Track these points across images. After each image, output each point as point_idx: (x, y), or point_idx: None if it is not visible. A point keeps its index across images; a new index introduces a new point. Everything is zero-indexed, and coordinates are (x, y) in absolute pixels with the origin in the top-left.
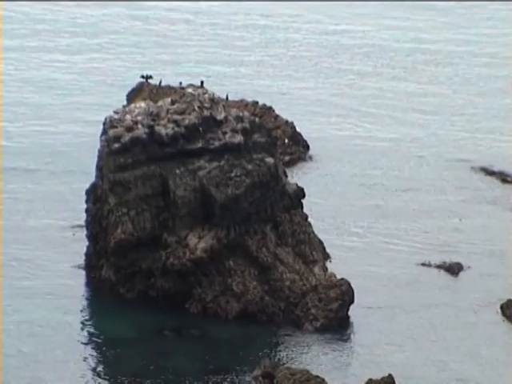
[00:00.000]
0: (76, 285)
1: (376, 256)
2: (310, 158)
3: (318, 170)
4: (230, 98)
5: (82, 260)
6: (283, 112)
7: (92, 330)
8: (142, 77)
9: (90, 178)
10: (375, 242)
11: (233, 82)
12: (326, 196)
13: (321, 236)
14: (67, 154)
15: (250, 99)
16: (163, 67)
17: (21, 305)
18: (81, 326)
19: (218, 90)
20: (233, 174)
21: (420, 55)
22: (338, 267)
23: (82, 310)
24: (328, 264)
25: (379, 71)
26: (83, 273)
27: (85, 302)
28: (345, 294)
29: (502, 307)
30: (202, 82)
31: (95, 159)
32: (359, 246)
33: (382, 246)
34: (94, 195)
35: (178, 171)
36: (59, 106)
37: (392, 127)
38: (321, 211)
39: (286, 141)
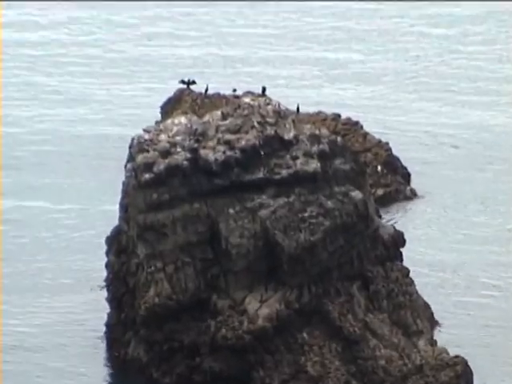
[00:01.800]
0: (93, 367)
1: (504, 323)
2: (412, 191)
3: (424, 207)
4: (302, 110)
5: (101, 332)
6: (374, 127)
7: None
8: (182, 82)
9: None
10: (503, 304)
11: (303, 88)
12: (433, 243)
13: (427, 297)
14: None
15: (329, 111)
16: (211, 67)
17: None
18: None
19: (284, 98)
20: (306, 215)
21: None
22: (451, 340)
23: None
24: (437, 335)
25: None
26: (103, 350)
27: None
28: (460, 377)
29: None
30: (263, 89)
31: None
32: (479, 311)
33: None
34: (117, 244)
35: (231, 211)
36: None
37: None
38: (427, 264)
39: (380, 168)
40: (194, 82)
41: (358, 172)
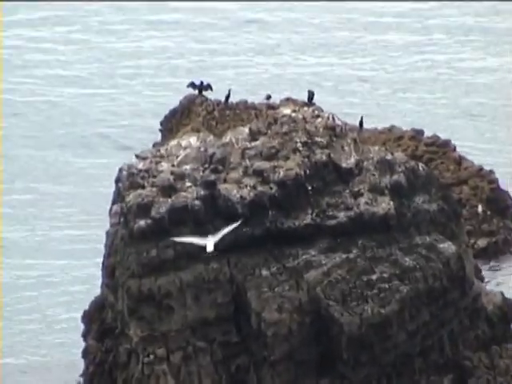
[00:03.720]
0: None
1: None
2: None
3: None
4: (366, 125)
5: None
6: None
7: None
8: (193, 86)
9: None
10: None
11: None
12: None
13: None
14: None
15: (404, 126)
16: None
17: None
18: None
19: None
20: (375, 277)
21: None
22: None
23: None
24: None
25: None
26: None
27: None
28: None
29: None
30: (310, 95)
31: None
32: None
33: None
34: (99, 323)
35: (265, 272)
36: None
37: None
38: None
39: (481, 209)
40: (209, 87)
41: (449, 214)
